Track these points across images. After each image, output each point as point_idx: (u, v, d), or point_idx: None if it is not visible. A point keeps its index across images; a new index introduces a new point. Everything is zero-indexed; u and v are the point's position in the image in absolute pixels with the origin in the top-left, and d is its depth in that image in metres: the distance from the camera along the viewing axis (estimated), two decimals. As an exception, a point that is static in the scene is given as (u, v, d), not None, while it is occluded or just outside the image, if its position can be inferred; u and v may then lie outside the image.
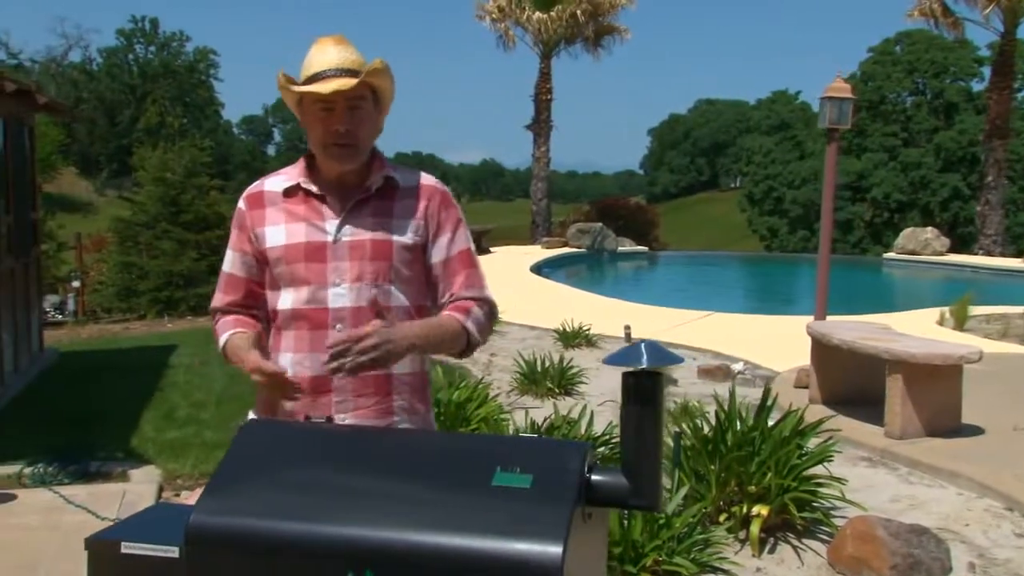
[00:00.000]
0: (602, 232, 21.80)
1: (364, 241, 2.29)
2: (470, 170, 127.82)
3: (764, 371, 8.21)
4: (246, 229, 2.38)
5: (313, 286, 2.29)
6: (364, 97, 2.29)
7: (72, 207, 44.09)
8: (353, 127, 2.27)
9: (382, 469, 1.98)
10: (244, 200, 2.40)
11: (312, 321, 2.29)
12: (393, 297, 2.31)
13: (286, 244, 2.31)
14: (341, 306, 2.28)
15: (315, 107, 2.26)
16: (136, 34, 63.47)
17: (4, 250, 7.96)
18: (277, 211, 2.34)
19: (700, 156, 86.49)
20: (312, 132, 2.30)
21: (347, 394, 2.29)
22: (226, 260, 2.44)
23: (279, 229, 2.33)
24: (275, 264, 2.33)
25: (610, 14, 24.09)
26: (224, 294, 2.43)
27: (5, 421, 7.06)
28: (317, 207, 2.32)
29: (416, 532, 1.79)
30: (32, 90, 8.28)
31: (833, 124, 7.37)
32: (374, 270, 2.29)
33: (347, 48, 2.31)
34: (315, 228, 2.30)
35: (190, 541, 1.85)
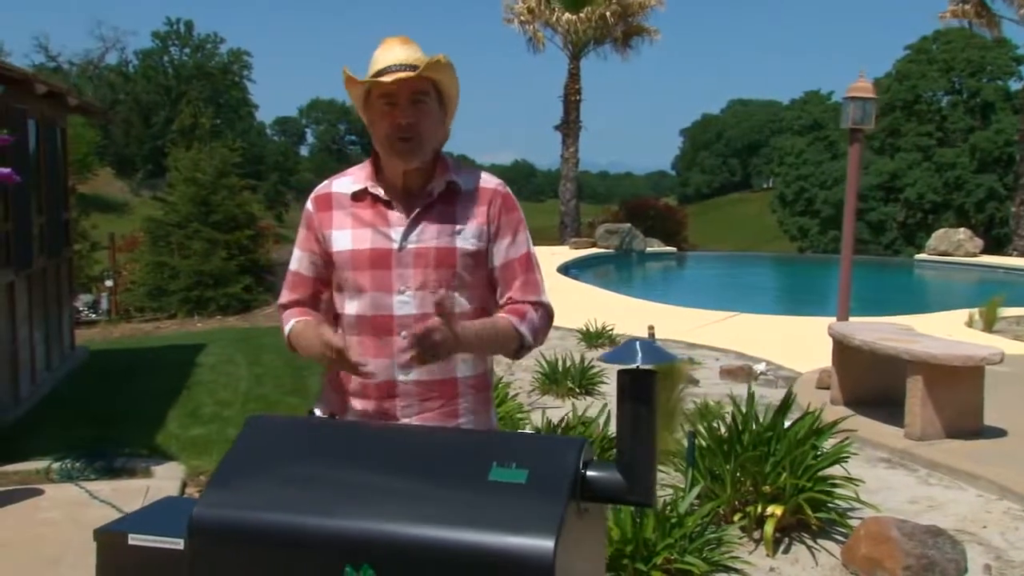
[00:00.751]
0: (630, 233, 21.78)
1: (429, 249, 2.31)
2: (502, 171, 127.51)
3: (787, 372, 8.19)
4: (314, 229, 2.41)
5: (378, 293, 2.31)
6: (427, 92, 2.31)
7: (108, 207, 44.68)
8: (415, 120, 2.28)
9: (381, 464, 2.02)
10: (312, 201, 2.43)
11: (377, 327, 2.32)
12: (457, 303, 2.32)
13: (353, 250, 2.33)
14: (406, 313, 2.30)
15: (379, 102, 2.29)
16: (171, 36, 64.15)
17: (36, 250, 8.11)
18: (345, 215, 2.37)
19: (733, 156, 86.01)
20: (377, 128, 2.33)
21: (413, 398, 2.33)
22: (293, 259, 2.47)
23: (346, 234, 2.35)
24: (341, 268, 2.35)
25: (639, 15, 24.06)
26: (291, 292, 2.47)
27: (35, 418, 7.21)
28: (384, 212, 2.34)
29: (413, 526, 1.83)
30: (64, 92, 8.43)
31: (856, 124, 7.33)
32: (438, 277, 2.31)
33: (412, 47, 2.34)
34: (381, 235, 2.32)
35: (193, 533, 1.90)
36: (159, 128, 56.61)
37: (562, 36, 23.62)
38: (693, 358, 8.67)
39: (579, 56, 23.92)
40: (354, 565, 1.84)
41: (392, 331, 2.31)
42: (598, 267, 20.12)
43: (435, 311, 2.17)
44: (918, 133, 46.44)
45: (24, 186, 7.71)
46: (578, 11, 22.79)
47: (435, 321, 2.16)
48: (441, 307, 2.16)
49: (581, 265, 19.52)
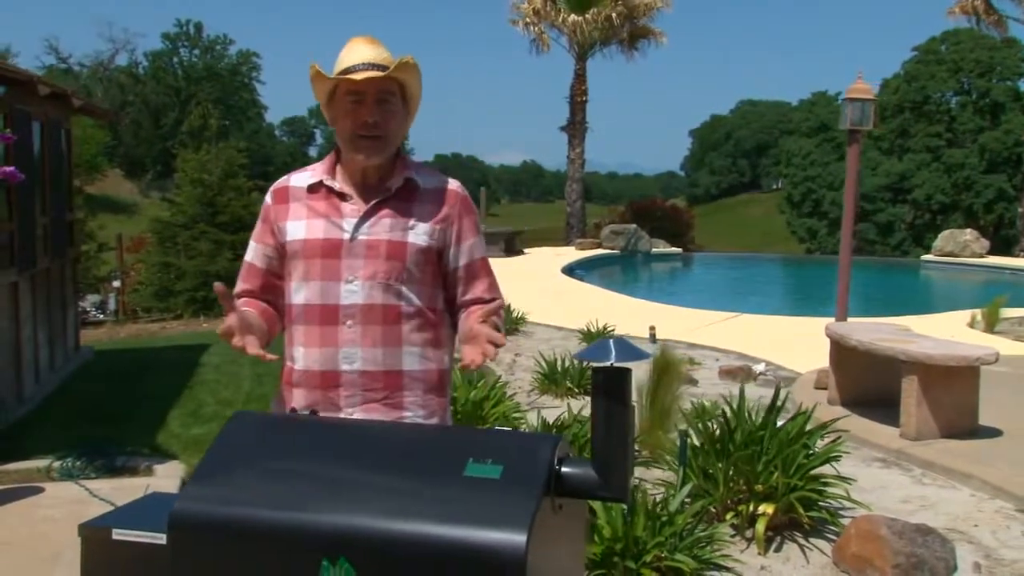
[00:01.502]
0: (636, 234, 21.80)
1: (380, 242, 2.35)
2: (510, 172, 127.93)
3: (787, 372, 8.21)
4: (270, 222, 2.45)
5: (327, 282, 2.35)
6: (393, 92, 2.36)
7: (117, 208, 44.84)
8: (382, 119, 2.33)
9: (360, 460, 2.05)
10: (271, 194, 2.48)
11: (323, 316, 2.35)
12: (404, 297, 2.36)
13: (305, 239, 2.37)
14: (352, 303, 2.34)
15: (345, 99, 2.33)
16: (181, 38, 64.42)
17: (40, 250, 8.18)
18: (300, 206, 2.41)
19: (742, 157, 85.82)
20: (341, 125, 2.37)
21: (356, 388, 2.36)
22: (248, 250, 2.51)
23: (300, 224, 2.39)
24: (292, 257, 2.39)
25: (645, 17, 24.06)
26: (243, 282, 2.50)
27: (38, 417, 7.28)
28: (338, 204, 2.38)
29: (389, 521, 1.86)
30: (67, 93, 8.49)
31: (855, 126, 7.33)
32: (387, 269, 2.34)
33: (378, 47, 2.38)
34: (334, 225, 2.36)
35: (173, 527, 1.93)
36: (168, 129, 56.83)
37: (568, 37, 23.62)
38: (693, 358, 8.69)
39: (585, 57, 23.93)
40: (331, 559, 1.86)
41: (338, 320, 2.34)
42: (603, 268, 20.13)
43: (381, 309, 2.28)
44: (927, 134, 46.32)
45: (28, 187, 7.78)
46: (584, 12, 22.80)
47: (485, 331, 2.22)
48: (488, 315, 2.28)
49: (586, 266, 19.54)
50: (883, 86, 49.71)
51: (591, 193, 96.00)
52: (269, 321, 2.45)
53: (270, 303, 2.48)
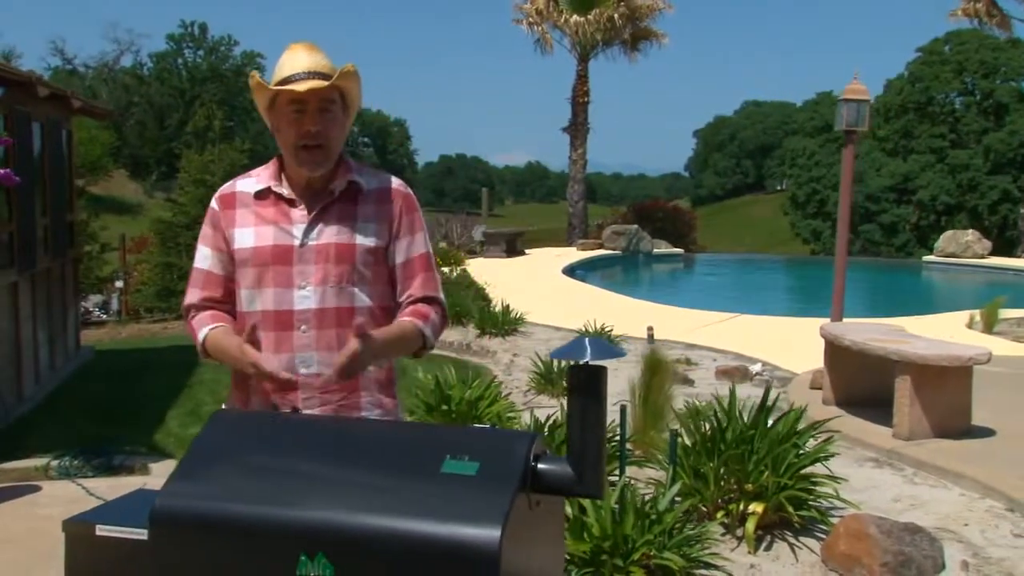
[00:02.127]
0: (637, 234, 21.82)
1: (329, 245, 2.37)
2: (515, 172, 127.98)
3: (783, 373, 8.23)
4: (220, 229, 2.45)
5: (280, 289, 2.37)
6: (334, 100, 2.38)
7: (122, 209, 44.93)
8: (324, 128, 2.35)
9: (339, 457, 2.08)
10: (217, 200, 2.48)
11: (278, 322, 2.37)
12: (356, 298, 2.39)
13: (255, 247, 2.39)
14: (305, 308, 2.36)
15: (287, 109, 2.35)
16: (185, 39, 64.51)
17: (41, 251, 8.23)
18: (248, 213, 2.42)
19: (746, 158, 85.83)
20: (283, 135, 2.38)
21: (313, 391, 2.38)
22: (201, 257, 2.49)
23: (248, 231, 2.40)
24: (242, 265, 2.40)
25: (648, 18, 24.07)
26: (201, 290, 2.48)
27: (38, 416, 7.33)
28: (286, 211, 2.40)
29: (366, 516, 1.88)
30: (67, 94, 8.54)
31: (850, 126, 7.36)
32: (338, 273, 2.36)
33: (318, 53, 2.40)
34: (283, 231, 2.38)
35: (155, 523, 1.96)
36: (173, 130, 56.91)
37: (570, 38, 23.65)
38: (690, 358, 8.71)
39: (587, 58, 23.94)
40: (309, 554, 1.89)
41: (292, 326, 2.36)
42: (604, 268, 20.15)
43: (355, 333, 2.25)
44: (931, 135, 46.30)
45: (28, 187, 7.83)
46: (585, 13, 22.82)
47: (354, 345, 2.24)
48: (361, 329, 2.25)
49: (587, 266, 19.56)
50: (887, 87, 49.71)
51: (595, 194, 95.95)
52: None
53: (230, 312, 2.48)
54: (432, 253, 2.58)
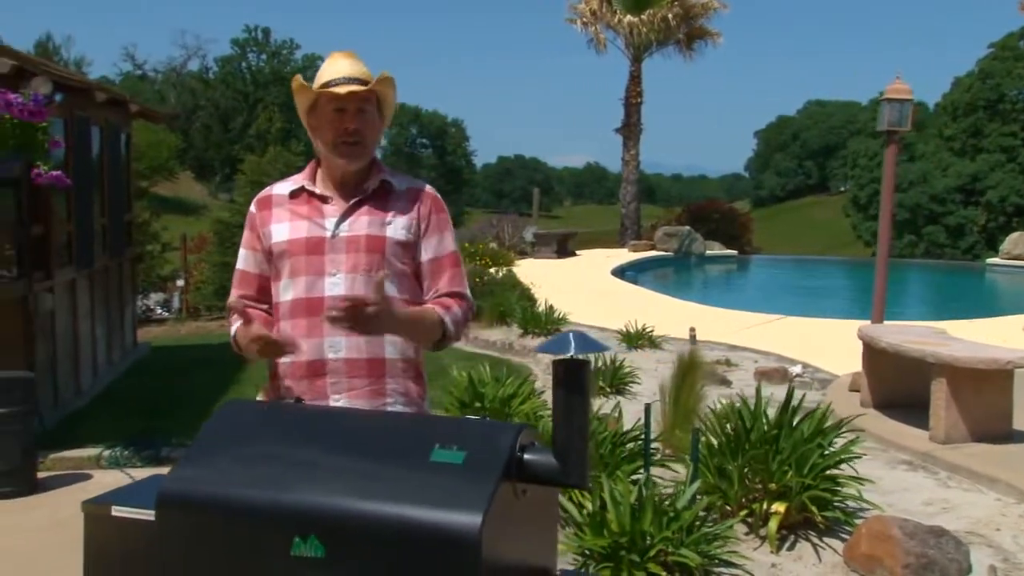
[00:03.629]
0: (689, 236, 21.72)
1: (360, 236, 2.51)
2: (574, 173, 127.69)
3: (824, 375, 8.19)
4: (256, 229, 2.61)
5: (312, 276, 2.50)
6: (371, 102, 2.54)
7: (187, 210, 45.98)
8: (361, 127, 2.51)
9: (334, 445, 2.19)
10: (255, 203, 2.64)
11: (309, 309, 2.49)
12: (385, 287, 2.48)
13: (289, 239, 2.53)
14: (336, 294, 2.47)
15: (328, 109, 2.51)
16: (249, 43, 65.67)
17: (99, 250, 8.52)
18: (283, 211, 2.57)
19: (808, 159, 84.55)
20: (322, 134, 2.54)
21: (341, 376, 2.50)
22: (240, 259, 2.66)
23: (283, 226, 2.55)
24: (279, 257, 2.54)
25: (702, 17, 23.93)
26: (238, 289, 2.65)
27: (94, 409, 7.60)
28: (319, 206, 2.55)
29: (357, 501, 1.99)
30: (124, 99, 8.83)
31: (892, 126, 7.29)
32: (368, 261, 2.49)
33: (356, 62, 2.57)
34: (316, 225, 2.52)
35: (161, 505, 2.09)
36: (237, 133, 58.01)
37: (624, 38, 23.60)
38: (730, 360, 8.70)
39: (640, 59, 23.87)
40: (303, 536, 1.99)
41: (322, 311, 2.46)
42: (655, 270, 20.09)
43: (373, 287, 2.35)
44: (1001, 133, 45.15)
45: (87, 188, 8.12)
46: (639, 13, 22.77)
47: (371, 295, 2.33)
48: (379, 285, 2.33)
49: (638, 268, 19.53)
50: (955, 84, 48.62)
51: (654, 195, 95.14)
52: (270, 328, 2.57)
53: (266, 311, 2.61)
54: (459, 253, 2.70)
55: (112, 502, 2.37)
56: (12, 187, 6.53)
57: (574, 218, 74.01)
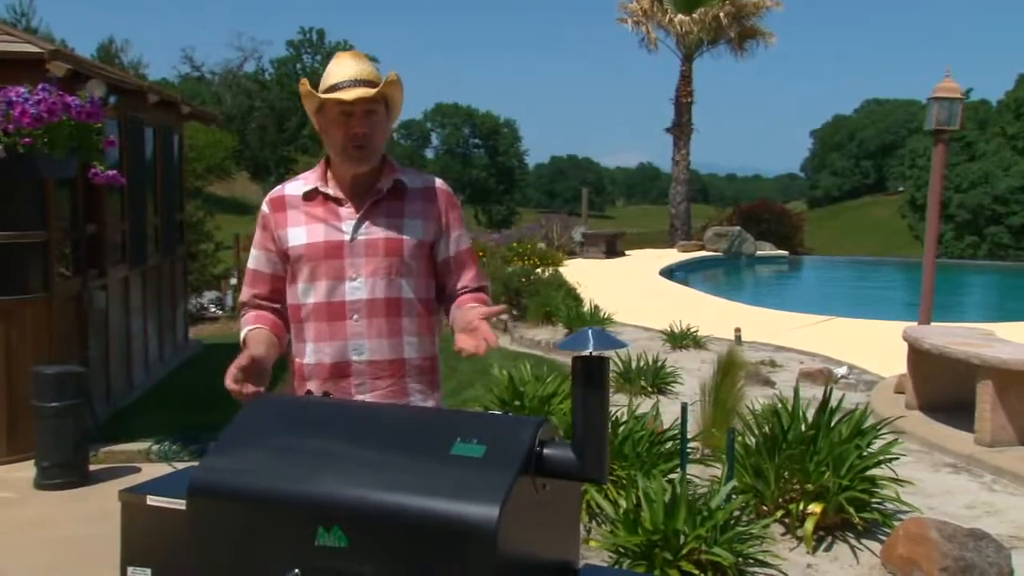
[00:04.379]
0: (740, 236, 21.55)
1: (378, 239, 2.54)
2: (626, 173, 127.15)
3: (871, 376, 8.09)
4: (270, 230, 2.63)
5: (332, 281, 2.54)
6: (379, 103, 2.55)
7: (243, 210, 46.58)
8: (369, 131, 2.52)
9: (358, 439, 2.25)
10: (267, 203, 2.66)
11: (331, 313, 2.54)
12: (404, 290, 2.56)
13: (307, 243, 2.55)
14: (357, 298, 2.53)
15: (335, 112, 2.51)
16: (304, 44, 66.43)
17: (151, 248, 8.72)
18: (298, 213, 2.59)
19: (866, 158, 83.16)
20: (331, 137, 2.55)
21: (364, 377, 2.55)
22: (251, 258, 2.70)
23: (300, 230, 2.57)
24: (296, 261, 2.57)
25: (755, 16, 23.70)
26: (251, 288, 2.69)
27: (145, 403, 7.78)
28: (334, 209, 2.57)
29: (378, 493, 2.04)
30: (176, 101, 9.02)
31: (941, 126, 7.19)
32: (387, 265, 2.53)
33: (363, 61, 2.58)
34: (333, 228, 2.55)
35: (191, 494, 2.17)
36: (291, 133, 58.70)
37: (674, 37, 23.48)
38: (775, 360, 8.64)
39: (691, 58, 23.73)
40: (326, 526, 2.06)
41: (344, 315, 2.53)
42: (704, 270, 19.97)
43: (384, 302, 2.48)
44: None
45: (140, 188, 8.32)
46: (690, 12, 22.64)
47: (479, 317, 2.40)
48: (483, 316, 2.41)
49: (686, 268, 19.43)
50: (1019, 80, 47.48)
51: (708, 195, 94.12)
52: (279, 336, 2.64)
53: (276, 311, 2.66)
54: (472, 246, 2.77)
55: (147, 491, 2.44)
56: (69, 187, 6.73)
57: (626, 218, 73.69)
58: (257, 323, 2.65)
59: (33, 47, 6.05)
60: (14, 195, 6.11)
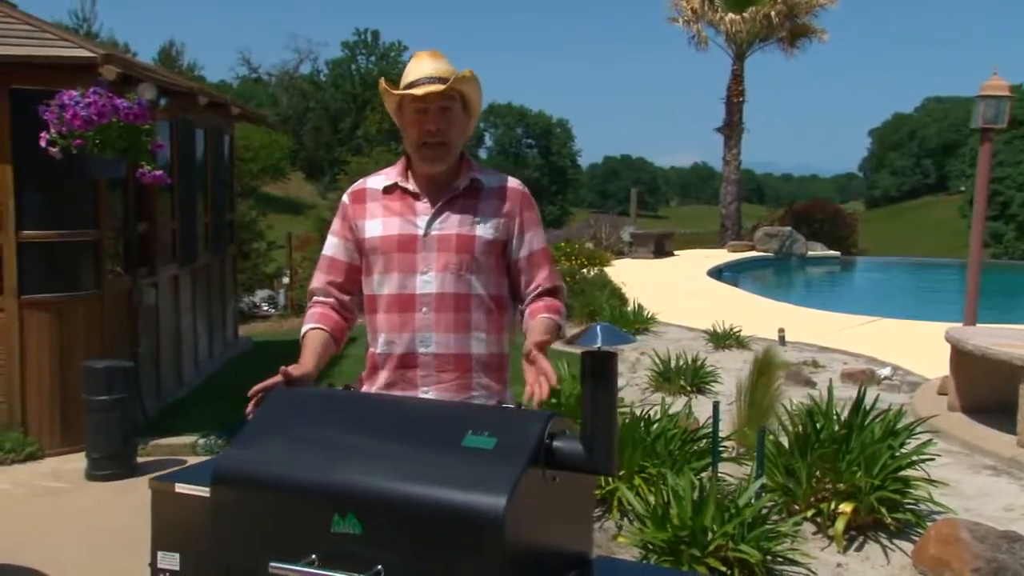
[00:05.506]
0: (791, 236, 21.33)
1: (451, 235, 2.59)
2: (680, 173, 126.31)
3: (915, 378, 8.00)
4: (348, 219, 2.69)
5: (404, 274, 2.60)
6: (454, 100, 2.59)
7: (297, 209, 47.22)
8: (444, 127, 2.57)
9: (374, 430, 2.33)
10: (348, 195, 2.73)
11: (402, 304, 2.60)
12: (473, 286, 2.60)
13: (383, 235, 2.62)
14: (427, 292, 2.58)
15: (411, 109, 2.57)
16: (359, 46, 67.04)
17: (201, 247, 8.93)
18: (377, 206, 2.66)
19: (926, 157, 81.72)
20: (408, 134, 2.61)
21: (431, 369, 2.61)
22: (328, 245, 2.75)
23: (377, 222, 2.64)
24: (371, 252, 2.64)
25: (807, 14, 23.43)
26: (325, 275, 2.73)
27: (194, 398, 7.97)
28: (411, 204, 2.63)
29: (392, 482, 2.12)
30: (226, 102, 9.22)
31: (988, 124, 7.08)
32: (458, 261, 2.58)
33: (440, 60, 2.63)
34: (408, 222, 2.61)
35: (215, 481, 2.26)
36: (345, 134, 59.31)
37: (725, 36, 23.31)
38: (818, 361, 8.58)
39: (743, 57, 23.54)
40: (342, 513, 2.14)
41: (414, 308, 2.59)
42: (753, 271, 19.80)
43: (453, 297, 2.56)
44: None
45: (191, 189, 8.52)
46: (741, 11, 22.46)
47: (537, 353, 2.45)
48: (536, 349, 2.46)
49: (735, 268, 19.28)
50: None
51: (764, 195, 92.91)
52: (338, 338, 2.72)
53: (344, 304, 2.73)
54: (548, 247, 2.79)
55: (176, 480, 2.55)
56: (121, 188, 6.94)
57: (679, 218, 73.21)
58: (320, 322, 2.69)
59: (86, 52, 6.24)
60: (67, 195, 6.33)
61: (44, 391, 6.37)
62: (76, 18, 32.90)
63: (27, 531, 5.09)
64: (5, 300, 6.25)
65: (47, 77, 6.09)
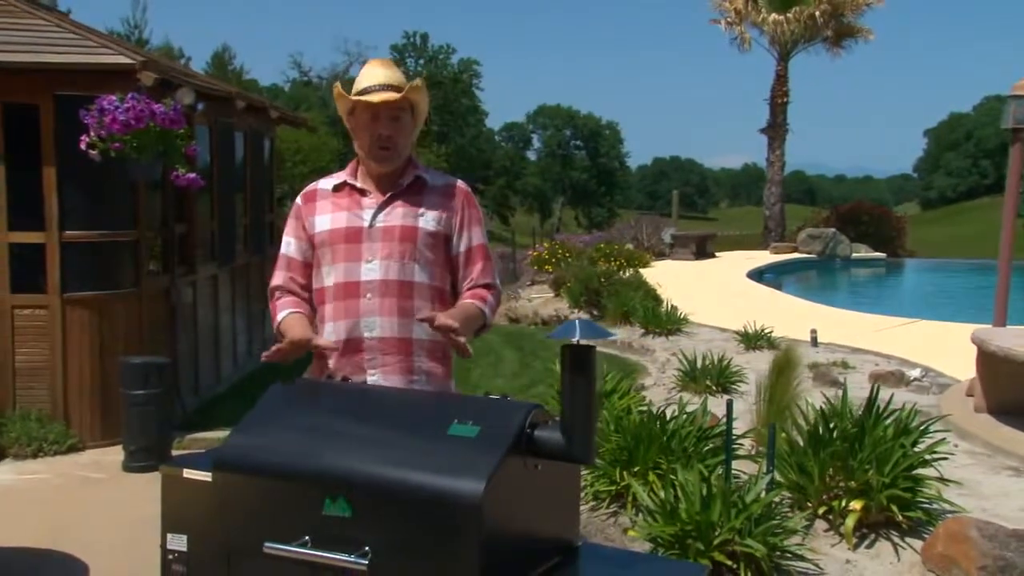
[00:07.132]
0: (834, 238, 21.11)
1: (395, 227, 2.77)
2: (730, 175, 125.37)
3: (946, 379, 7.95)
4: (301, 219, 2.89)
5: (350, 263, 2.78)
6: (404, 109, 2.79)
7: (346, 211, 47.70)
8: (394, 133, 2.77)
9: (365, 419, 2.48)
10: (301, 197, 2.94)
11: (347, 292, 2.78)
12: (416, 275, 2.78)
13: (331, 229, 2.81)
14: (371, 279, 2.76)
15: (364, 115, 2.77)
16: (408, 48, 67.54)
17: (240, 248, 9.15)
18: (326, 203, 2.86)
19: (984, 157, 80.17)
20: (360, 137, 2.81)
21: (376, 353, 2.78)
22: (285, 245, 2.95)
23: (326, 217, 2.83)
24: (320, 246, 2.82)
25: (853, 14, 23.16)
26: (286, 272, 2.92)
27: (231, 395, 8.20)
28: (358, 199, 2.82)
29: (380, 468, 2.26)
30: (264, 106, 9.44)
31: (1019, 124, 7.02)
32: (401, 250, 2.76)
33: (392, 68, 2.83)
34: (355, 216, 2.80)
35: (216, 468, 2.42)
36: (394, 136, 59.70)
37: (768, 37, 23.14)
38: (848, 362, 8.56)
39: (787, 57, 23.35)
40: (332, 497, 2.27)
41: (359, 294, 2.75)
42: (795, 272, 19.62)
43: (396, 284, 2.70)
44: None
45: (230, 191, 8.75)
46: (785, 11, 22.29)
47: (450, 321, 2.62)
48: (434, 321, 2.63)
49: (776, 270, 19.14)
50: None
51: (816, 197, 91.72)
52: (312, 323, 2.89)
53: (306, 298, 2.90)
54: (488, 245, 2.95)
55: (184, 465, 2.70)
56: (160, 189, 7.17)
57: (728, 220, 72.65)
58: (294, 307, 2.87)
59: (126, 58, 6.48)
60: (106, 196, 6.57)
61: (85, 385, 6.62)
62: (128, 25, 33.65)
63: (66, 519, 5.32)
64: (48, 297, 6.51)
65: (89, 83, 6.34)
